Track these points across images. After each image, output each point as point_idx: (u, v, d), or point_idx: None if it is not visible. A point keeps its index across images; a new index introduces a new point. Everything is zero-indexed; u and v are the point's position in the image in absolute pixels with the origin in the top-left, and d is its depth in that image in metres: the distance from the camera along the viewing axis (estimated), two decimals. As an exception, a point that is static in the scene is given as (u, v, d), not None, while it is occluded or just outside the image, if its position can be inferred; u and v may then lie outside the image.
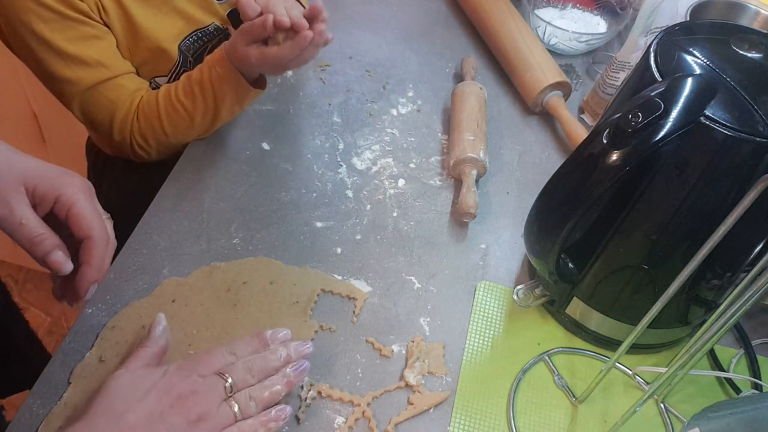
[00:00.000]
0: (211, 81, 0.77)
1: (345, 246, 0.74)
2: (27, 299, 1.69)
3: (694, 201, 0.54)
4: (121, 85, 0.79)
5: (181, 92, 0.78)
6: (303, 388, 0.62)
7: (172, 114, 0.79)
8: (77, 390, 0.60)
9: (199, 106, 0.78)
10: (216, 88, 0.77)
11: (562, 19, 1.05)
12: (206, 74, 0.77)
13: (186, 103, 0.78)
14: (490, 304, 0.71)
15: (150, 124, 0.80)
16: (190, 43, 0.85)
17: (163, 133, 0.80)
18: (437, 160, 0.85)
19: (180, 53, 0.84)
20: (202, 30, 0.87)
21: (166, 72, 0.85)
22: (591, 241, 0.61)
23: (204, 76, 0.77)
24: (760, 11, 0.90)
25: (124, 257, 0.70)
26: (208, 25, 0.87)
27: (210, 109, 0.78)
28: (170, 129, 0.80)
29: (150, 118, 0.80)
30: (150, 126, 0.80)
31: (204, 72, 0.78)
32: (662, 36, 0.57)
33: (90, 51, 0.75)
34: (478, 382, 0.64)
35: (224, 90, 0.77)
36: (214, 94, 0.77)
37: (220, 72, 0.76)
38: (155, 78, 0.85)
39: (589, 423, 0.63)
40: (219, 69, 0.77)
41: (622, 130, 0.51)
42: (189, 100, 0.78)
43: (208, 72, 0.77)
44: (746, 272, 0.46)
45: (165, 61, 0.84)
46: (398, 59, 0.99)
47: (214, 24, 0.88)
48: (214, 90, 0.77)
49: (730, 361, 0.68)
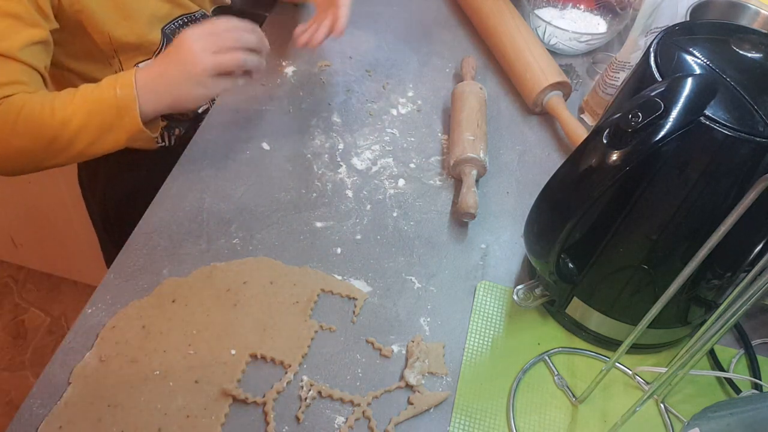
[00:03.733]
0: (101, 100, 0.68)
1: (345, 246, 0.74)
2: (27, 299, 1.69)
3: (694, 201, 0.54)
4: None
5: (60, 101, 0.69)
6: (303, 388, 0.62)
7: (30, 117, 0.67)
8: (77, 390, 0.60)
9: (73, 121, 0.68)
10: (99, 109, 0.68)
11: (562, 19, 1.05)
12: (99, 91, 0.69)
13: (58, 113, 0.67)
14: (490, 304, 0.71)
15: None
16: (175, 28, 0.85)
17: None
18: (437, 160, 0.85)
19: (164, 36, 0.84)
20: (189, 15, 0.87)
21: (150, 55, 0.85)
22: (591, 241, 0.61)
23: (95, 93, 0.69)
24: (760, 11, 0.90)
25: (124, 257, 0.70)
26: (195, 11, 0.88)
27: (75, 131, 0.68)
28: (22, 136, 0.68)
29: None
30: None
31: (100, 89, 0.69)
32: (662, 36, 0.57)
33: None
34: (478, 382, 0.64)
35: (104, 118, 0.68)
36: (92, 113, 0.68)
37: (119, 93, 0.68)
38: (139, 63, 0.84)
39: (589, 423, 0.63)
40: (119, 90, 0.68)
41: (622, 130, 0.51)
42: (64, 111, 0.68)
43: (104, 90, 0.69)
44: (746, 272, 0.46)
45: (149, 43, 0.83)
46: (398, 59, 0.99)
47: (201, 11, 0.88)
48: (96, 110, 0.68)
49: (730, 361, 0.68)
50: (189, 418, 0.59)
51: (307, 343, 0.65)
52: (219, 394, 0.61)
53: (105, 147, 0.70)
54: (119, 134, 0.69)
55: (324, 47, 0.99)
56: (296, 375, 0.63)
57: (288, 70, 0.94)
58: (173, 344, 0.64)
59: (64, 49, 0.80)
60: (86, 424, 0.58)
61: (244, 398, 0.61)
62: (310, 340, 0.65)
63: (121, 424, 0.58)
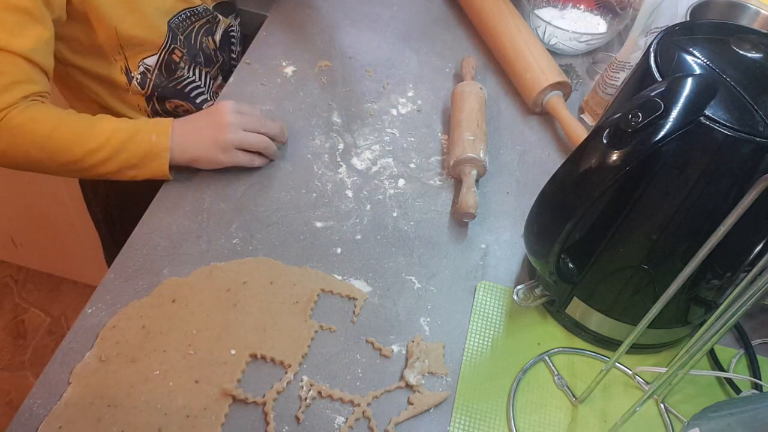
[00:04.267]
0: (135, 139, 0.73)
1: (345, 246, 0.74)
2: (27, 299, 1.69)
3: (694, 201, 0.54)
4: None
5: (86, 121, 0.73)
6: (303, 388, 0.62)
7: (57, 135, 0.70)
8: (77, 390, 0.60)
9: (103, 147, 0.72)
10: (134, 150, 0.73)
11: (562, 19, 1.05)
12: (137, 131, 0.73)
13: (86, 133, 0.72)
14: (490, 304, 0.71)
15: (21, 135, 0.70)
16: (179, 21, 0.86)
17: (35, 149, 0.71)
18: (437, 160, 0.85)
19: (169, 30, 0.85)
20: (192, 9, 0.88)
21: (156, 50, 0.85)
22: (591, 241, 0.61)
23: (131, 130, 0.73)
24: (760, 11, 0.90)
25: (124, 257, 0.70)
26: (198, 6, 0.89)
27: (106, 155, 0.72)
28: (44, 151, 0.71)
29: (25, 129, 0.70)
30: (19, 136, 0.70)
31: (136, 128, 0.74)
32: (662, 36, 0.57)
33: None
34: (478, 382, 0.64)
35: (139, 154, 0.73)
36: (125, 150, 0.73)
37: (154, 140, 0.73)
38: (144, 60, 0.85)
39: (589, 423, 0.63)
40: (155, 137, 0.73)
41: (622, 130, 0.51)
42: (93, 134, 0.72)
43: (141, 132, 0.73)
44: (746, 272, 0.46)
45: (155, 37, 0.84)
46: (398, 59, 0.99)
47: (203, 6, 0.90)
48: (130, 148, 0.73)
49: (730, 361, 0.68)
50: (189, 418, 0.59)
51: (307, 343, 0.65)
52: (219, 394, 0.61)
53: (122, 177, 0.75)
54: (142, 172, 0.75)
55: (324, 47, 0.99)
56: (296, 375, 0.63)
57: (288, 70, 0.94)
58: (173, 344, 0.64)
59: (68, 45, 0.80)
60: (86, 424, 0.58)
61: (244, 398, 0.61)
62: (310, 340, 0.65)
63: (121, 424, 0.58)
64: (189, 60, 0.89)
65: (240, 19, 1.02)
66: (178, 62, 0.88)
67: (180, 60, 0.88)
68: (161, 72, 0.87)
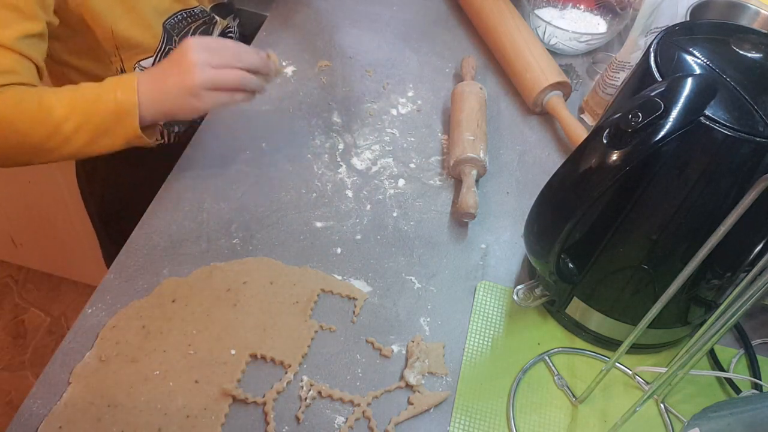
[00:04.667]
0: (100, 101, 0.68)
1: (345, 246, 0.74)
2: (27, 299, 1.69)
3: (694, 201, 0.54)
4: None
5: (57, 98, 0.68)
6: (303, 388, 0.62)
7: (34, 113, 0.66)
8: (77, 390, 0.60)
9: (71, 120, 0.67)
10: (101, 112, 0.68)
11: (562, 19, 1.05)
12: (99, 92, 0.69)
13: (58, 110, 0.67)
14: (490, 304, 0.71)
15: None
16: (175, 23, 0.86)
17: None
18: (437, 160, 0.85)
19: (165, 31, 0.84)
20: (188, 10, 0.87)
21: (152, 51, 0.85)
22: (591, 241, 0.61)
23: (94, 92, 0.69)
24: (760, 11, 0.90)
25: (124, 257, 0.70)
26: (194, 7, 0.88)
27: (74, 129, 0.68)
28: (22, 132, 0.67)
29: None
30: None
31: (99, 90, 0.69)
32: (662, 36, 0.57)
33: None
34: (478, 382, 0.64)
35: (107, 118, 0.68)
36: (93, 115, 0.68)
37: (120, 97, 0.67)
38: (140, 62, 0.84)
39: (589, 423, 0.63)
40: (120, 93, 0.67)
41: (622, 130, 0.51)
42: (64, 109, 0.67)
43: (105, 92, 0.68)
44: (746, 272, 0.46)
45: (151, 38, 0.84)
46: (398, 59, 0.99)
47: (200, 7, 0.89)
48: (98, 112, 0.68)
49: (730, 361, 0.68)
50: (189, 418, 0.59)
51: (307, 343, 0.65)
52: (219, 394, 0.61)
53: (100, 149, 0.70)
54: (116, 138, 0.69)
55: (324, 47, 0.99)
56: (296, 375, 0.63)
57: (288, 70, 0.94)
58: (173, 344, 0.64)
59: (65, 45, 0.80)
60: (86, 424, 0.58)
61: (244, 398, 0.61)
62: (310, 340, 0.65)
63: (121, 424, 0.58)
64: None
65: (239, 19, 1.02)
66: None
67: None
68: None
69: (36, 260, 1.69)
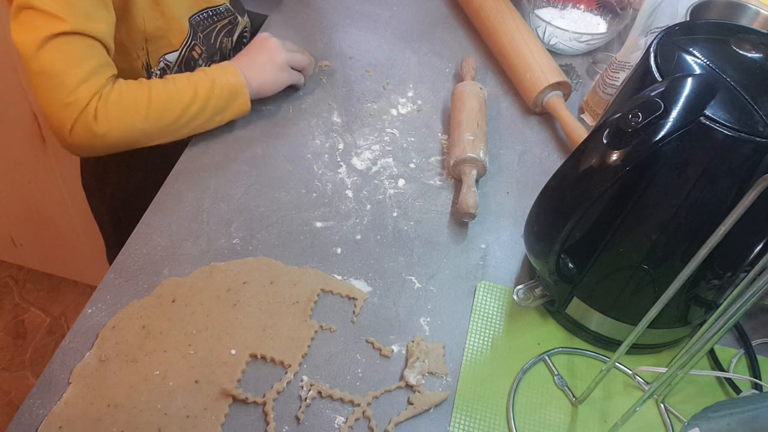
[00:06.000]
0: (214, 81, 0.79)
1: (345, 246, 0.74)
2: (27, 299, 1.69)
3: (694, 201, 0.54)
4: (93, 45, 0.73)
5: (178, 82, 0.79)
6: (303, 388, 0.62)
7: (164, 101, 0.76)
8: (77, 390, 0.60)
9: (198, 98, 0.78)
10: (217, 91, 0.79)
11: (562, 19, 1.05)
12: (211, 76, 0.80)
13: (185, 94, 0.78)
14: (490, 304, 0.71)
15: (125, 106, 0.74)
16: (200, 20, 0.88)
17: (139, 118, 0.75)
18: (437, 160, 0.85)
19: (191, 27, 0.86)
20: (213, 9, 0.90)
21: (178, 45, 0.87)
22: (591, 241, 0.61)
23: (207, 76, 0.80)
24: (760, 11, 0.90)
25: (124, 257, 0.70)
26: (219, 5, 0.90)
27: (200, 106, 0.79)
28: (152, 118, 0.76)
29: (127, 98, 0.74)
30: (124, 107, 0.74)
31: (209, 73, 0.80)
32: (662, 36, 0.57)
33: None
34: (478, 382, 0.64)
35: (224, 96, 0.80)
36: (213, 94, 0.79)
37: (232, 80, 0.80)
38: (165, 56, 0.86)
39: (589, 423, 0.63)
40: (231, 77, 0.80)
41: (622, 130, 0.51)
42: (189, 92, 0.78)
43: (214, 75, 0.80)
44: (746, 272, 0.46)
45: (177, 32, 0.85)
46: (398, 59, 0.99)
47: (225, 5, 0.91)
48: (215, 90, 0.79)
49: (730, 361, 0.68)
50: (189, 418, 0.59)
51: (307, 343, 0.65)
52: (219, 394, 0.61)
53: (212, 125, 0.82)
54: (227, 114, 0.82)
55: (324, 47, 0.99)
56: (296, 375, 0.63)
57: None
58: (173, 344, 0.64)
59: None
60: (86, 424, 0.58)
61: (244, 398, 0.61)
62: (310, 340, 0.65)
63: (121, 424, 0.58)
64: (207, 58, 0.91)
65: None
66: (197, 59, 0.90)
67: (199, 57, 0.90)
68: (181, 69, 0.89)
69: (36, 260, 1.69)
